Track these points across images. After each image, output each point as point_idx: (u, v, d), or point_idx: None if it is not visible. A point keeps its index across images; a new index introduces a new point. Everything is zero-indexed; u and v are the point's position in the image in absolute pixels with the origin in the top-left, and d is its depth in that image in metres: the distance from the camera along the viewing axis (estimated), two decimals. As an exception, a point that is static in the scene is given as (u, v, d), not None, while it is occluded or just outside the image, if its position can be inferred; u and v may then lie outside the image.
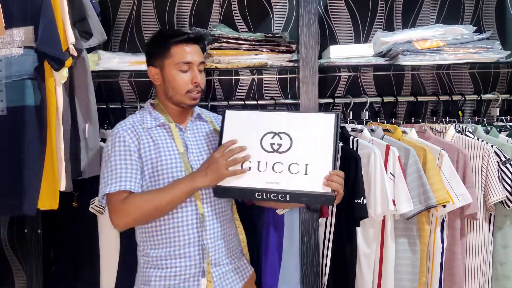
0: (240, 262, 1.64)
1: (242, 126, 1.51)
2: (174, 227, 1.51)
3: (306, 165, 1.44)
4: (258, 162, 1.46)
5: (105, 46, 2.26)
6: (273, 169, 1.45)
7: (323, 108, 2.38)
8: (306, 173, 1.44)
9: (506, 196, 1.99)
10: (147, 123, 1.56)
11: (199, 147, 1.59)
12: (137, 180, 1.47)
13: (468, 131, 2.17)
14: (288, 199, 1.45)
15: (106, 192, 1.44)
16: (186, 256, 1.51)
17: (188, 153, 1.55)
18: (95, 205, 1.90)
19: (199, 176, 1.45)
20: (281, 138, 1.48)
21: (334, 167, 1.44)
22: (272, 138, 1.48)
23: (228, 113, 1.53)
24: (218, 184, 1.45)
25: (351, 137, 2.05)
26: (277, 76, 2.42)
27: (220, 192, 1.48)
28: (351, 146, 2.01)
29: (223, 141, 1.49)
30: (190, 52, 1.55)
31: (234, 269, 1.60)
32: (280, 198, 1.44)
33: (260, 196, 1.45)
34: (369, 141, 2.03)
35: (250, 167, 1.46)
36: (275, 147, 1.47)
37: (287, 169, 1.45)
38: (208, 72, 2.19)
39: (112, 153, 1.48)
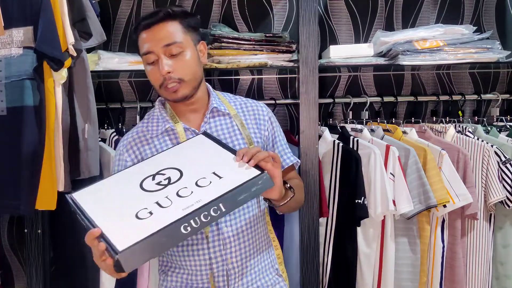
0: (271, 280, 1.40)
1: (104, 200, 1.16)
2: (183, 251, 1.34)
3: (214, 172, 1.16)
4: (157, 202, 1.10)
5: (105, 46, 2.26)
6: (178, 195, 1.11)
7: (323, 107, 2.38)
8: (220, 177, 1.14)
9: (506, 196, 1.99)
10: (151, 131, 1.37)
11: None
12: None
13: (468, 131, 2.17)
14: (224, 209, 1.08)
15: None
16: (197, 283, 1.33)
17: None
18: (95, 206, 1.89)
19: None
20: (164, 174, 1.18)
21: (235, 154, 1.19)
22: (152, 179, 1.17)
23: (76, 195, 1.20)
24: (123, 247, 1.02)
25: (351, 137, 2.05)
26: (277, 76, 2.42)
27: (134, 252, 1.01)
28: (351, 146, 2.01)
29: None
30: (146, 39, 1.28)
31: None
32: (212, 213, 1.06)
33: (189, 228, 1.03)
34: (369, 141, 2.03)
35: (151, 212, 1.07)
36: (164, 182, 1.15)
37: (195, 186, 1.12)
38: (208, 72, 2.18)
39: (112, 170, 1.43)
